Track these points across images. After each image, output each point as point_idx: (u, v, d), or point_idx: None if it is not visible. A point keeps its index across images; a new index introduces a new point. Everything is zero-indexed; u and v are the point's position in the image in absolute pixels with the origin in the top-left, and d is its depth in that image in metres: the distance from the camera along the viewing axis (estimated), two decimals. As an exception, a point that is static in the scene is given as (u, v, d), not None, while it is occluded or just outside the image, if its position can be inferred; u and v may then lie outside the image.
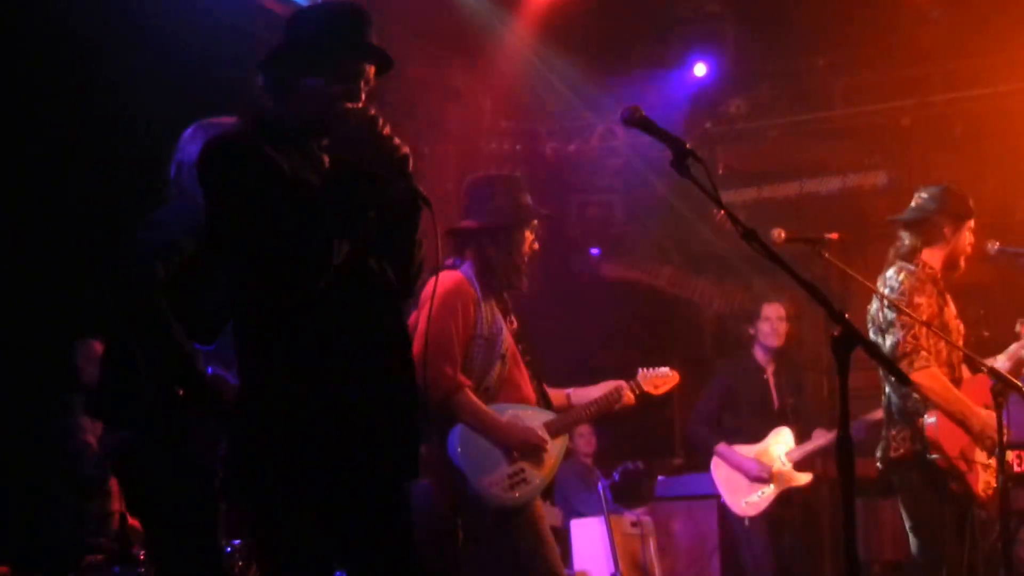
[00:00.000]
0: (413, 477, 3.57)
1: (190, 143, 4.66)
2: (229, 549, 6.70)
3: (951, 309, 5.72)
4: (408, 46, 8.20)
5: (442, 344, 4.80)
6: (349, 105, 3.47)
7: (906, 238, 5.74)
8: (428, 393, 4.69)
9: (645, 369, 5.61)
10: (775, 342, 7.99)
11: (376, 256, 3.53)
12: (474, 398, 4.88)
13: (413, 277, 3.70)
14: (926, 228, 5.72)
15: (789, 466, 7.76)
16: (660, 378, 5.62)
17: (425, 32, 8.46)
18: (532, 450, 4.96)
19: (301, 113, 3.51)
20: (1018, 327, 5.76)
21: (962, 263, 5.76)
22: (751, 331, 8.03)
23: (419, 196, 3.52)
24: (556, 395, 5.35)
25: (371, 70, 3.58)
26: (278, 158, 3.38)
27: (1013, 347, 5.75)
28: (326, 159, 3.52)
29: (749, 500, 7.69)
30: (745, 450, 7.82)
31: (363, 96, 3.53)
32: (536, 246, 5.16)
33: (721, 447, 7.81)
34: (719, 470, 7.83)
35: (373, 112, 3.44)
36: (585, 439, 9.64)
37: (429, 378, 4.65)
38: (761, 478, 7.69)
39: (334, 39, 3.51)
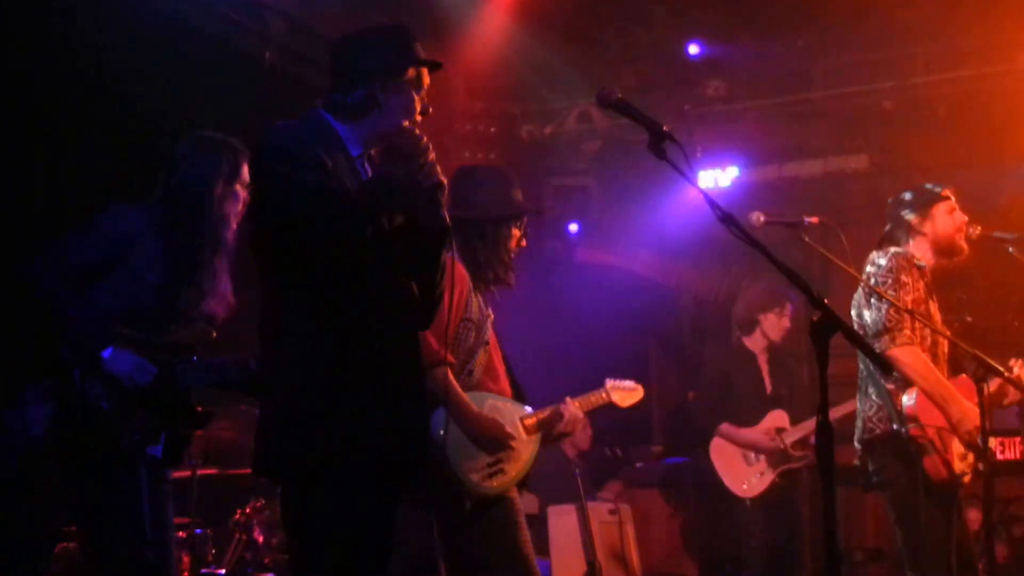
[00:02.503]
0: (415, 487, 3.87)
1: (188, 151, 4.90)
2: (200, 531, 6.72)
3: (936, 310, 5.65)
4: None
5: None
6: (407, 123, 3.74)
7: (886, 243, 5.71)
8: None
9: (613, 380, 5.62)
10: (778, 338, 8.06)
11: (406, 274, 3.76)
12: (452, 378, 4.81)
13: (434, 301, 3.85)
14: (897, 231, 5.70)
15: (787, 446, 7.82)
16: (627, 391, 5.65)
17: (398, 13, 8.35)
18: (497, 444, 4.88)
19: (376, 126, 3.75)
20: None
21: (960, 245, 5.69)
22: (758, 316, 8.02)
23: (444, 226, 3.70)
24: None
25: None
26: (325, 158, 3.60)
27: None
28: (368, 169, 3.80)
29: (750, 481, 7.76)
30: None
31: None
32: (524, 243, 5.12)
33: (725, 427, 7.86)
34: (718, 454, 7.87)
35: (425, 139, 3.69)
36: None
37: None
38: (772, 449, 7.77)
39: (403, 59, 3.79)
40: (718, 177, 9.87)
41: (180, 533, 6.29)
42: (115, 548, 4.63)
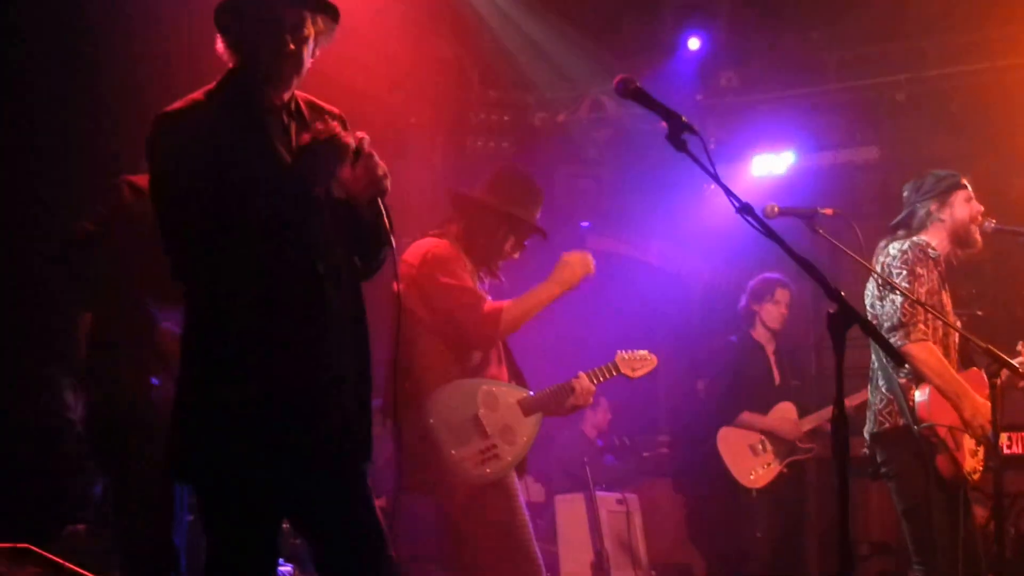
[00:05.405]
0: (362, 458, 3.62)
1: None
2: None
3: (948, 300, 5.62)
4: (395, 15, 8.09)
5: (470, 290, 4.94)
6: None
7: (902, 233, 5.66)
8: (483, 335, 4.98)
9: (624, 351, 5.55)
10: (777, 325, 8.05)
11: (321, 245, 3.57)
12: (509, 305, 4.98)
13: (375, 267, 3.79)
14: (913, 217, 5.64)
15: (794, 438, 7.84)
16: (639, 360, 5.57)
17: (413, 2, 8.35)
18: (588, 271, 5.10)
19: (253, 67, 3.60)
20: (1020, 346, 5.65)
21: (975, 235, 5.64)
22: (754, 307, 8.03)
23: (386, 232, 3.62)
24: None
25: (318, 19, 3.66)
26: (218, 129, 3.48)
27: None
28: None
29: (757, 472, 7.74)
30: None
31: (309, 43, 3.62)
32: (517, 254, 5.22)
33: (746, 415, 7.85)
34: (725, 444, 7.85)
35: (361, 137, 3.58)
36: (602, 410, 9.59)
37: (477, 323, 4.93)
38: (792, 436, 7.78)
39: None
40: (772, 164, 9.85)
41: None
42: (146, 531, 4.69)
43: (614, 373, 5.46)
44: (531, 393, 5.14)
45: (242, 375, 3.42)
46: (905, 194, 5.74)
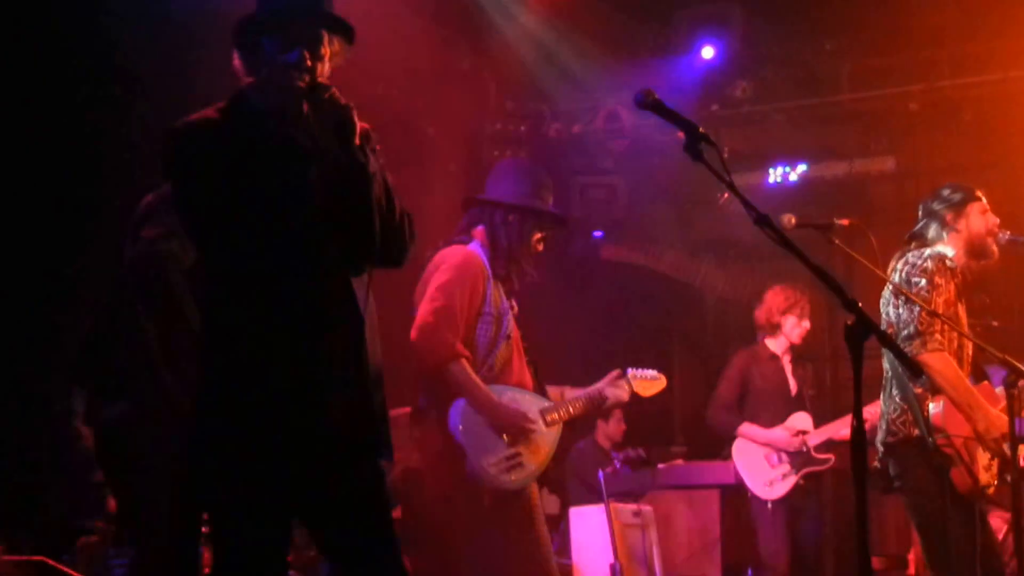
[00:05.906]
0: (378, 455, 3.56)
1: None
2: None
3: (964, 313, 5.59)
4: (413, 27, 8.12)
5: (446, 312, 4.83)
6: (295, 74, 3.49)
7: (916, 244, 5.64)
8: (424, 360, 4.81)
9: (634, 369, 5.56)
10: (798, 340, 8.04)
11: (326, 234, 3.52)
12: (470, 371, 4.84)
13: (397, 247, 3.63)
14: (929, 228, 5.61)
15: (810, 449, 7.78)
16: (648, 381, 5.59)
17: (431, 13, 8.38)
18: (521, 433, 4.91)
19: (264, 82, 3.55)
20: None
21: (991, 248, 5.60)
22: (778, 319, 7.98)
23: (361, 166, 3.49)
24: (551, 393, 5.30)
25: (334, 40, 3.62)
26: (229, 140, 3.46)
27: None
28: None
29: (773, 483, 7.72)
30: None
31: (325, 61, 3.56)
32: (541, 247, 5.18)
33: (745, 427, 7.84)
34: (741, 455, 7.86)
35: (333, 90, 3.50)
36: (615, 421, 9.58)
37: (427, 344, 4.79)
38: (793, 448, 7.74)
39: (291, 3, 3.57)
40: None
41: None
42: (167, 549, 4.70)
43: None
44: (551, 403, 5.13)
45: (239, 379, 3.41)
46: (921, 208, 5.73)
